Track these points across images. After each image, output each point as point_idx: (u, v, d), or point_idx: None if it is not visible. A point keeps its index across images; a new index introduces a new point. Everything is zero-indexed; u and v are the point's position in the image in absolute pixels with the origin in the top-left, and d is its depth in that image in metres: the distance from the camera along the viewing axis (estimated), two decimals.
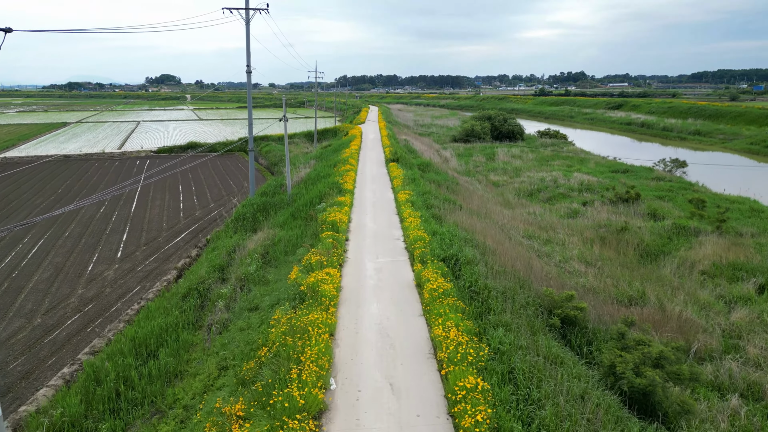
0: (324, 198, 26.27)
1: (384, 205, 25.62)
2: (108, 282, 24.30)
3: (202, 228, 33.16)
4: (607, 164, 52.44)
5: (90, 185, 47.87)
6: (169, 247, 29.29)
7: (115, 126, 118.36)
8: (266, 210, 29.57)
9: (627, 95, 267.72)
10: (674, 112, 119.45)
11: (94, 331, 19.42)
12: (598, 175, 45.88)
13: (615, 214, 32.44)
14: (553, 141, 69.06)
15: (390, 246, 18.94)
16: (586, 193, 38.78)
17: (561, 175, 44.76)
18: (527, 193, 39.61)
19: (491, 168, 49.92)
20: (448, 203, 25.85)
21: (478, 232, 21.00)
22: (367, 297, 14.20)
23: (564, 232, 27.92)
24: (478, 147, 65.31)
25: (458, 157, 57.08)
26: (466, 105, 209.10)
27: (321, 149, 57.17)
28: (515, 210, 33.65)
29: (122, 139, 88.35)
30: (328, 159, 46.99)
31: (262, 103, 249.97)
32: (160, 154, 68.23)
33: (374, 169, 37.15)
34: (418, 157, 48.37)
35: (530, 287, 15.41)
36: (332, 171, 34.02)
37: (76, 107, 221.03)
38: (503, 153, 58.90)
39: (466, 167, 50.46)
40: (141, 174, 54.26)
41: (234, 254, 22.35)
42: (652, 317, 17.39)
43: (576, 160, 55.84)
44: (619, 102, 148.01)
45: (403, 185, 27.89)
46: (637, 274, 22.04)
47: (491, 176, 45.93)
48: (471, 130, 70.66)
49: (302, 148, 65.01)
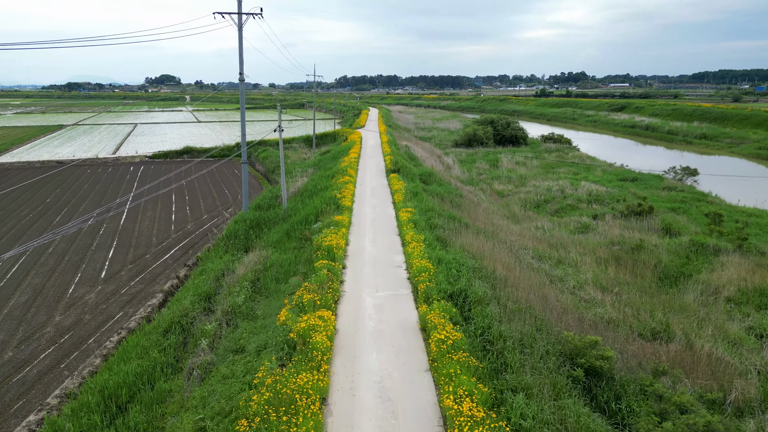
0: (321, 215, 24.64)
1: (384, 223, 23.98)
2: (88, 307, 22.65)
3: (194, 243, 31.52)
4: (615, 172, 50.81)
5: (80, 195, 46.23)
6: (156, 266, 27.65)
7: (112, 129, 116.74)
8: (260, 226, 27.94)
9: (629, 96, 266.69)
10: (679, 114, 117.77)
11: (68, 368, 17.80)
12: (606, 184, 44.25)
13: (628, 229, 30.81)
14: (557, 146, 67.42)
15: (391, 275, 17.30)
16: (596, 205, 37.15)
17: (568, 184, 43.13)
18: (534, 204, 37.96)
19: (495, 176, 48.27)
20: (452, 221, 24.22)
21: (486, 256, 19.36)
22: (365, 345, 12.57)
23: (576, 250, 26.28)
24: (480, 152, 63.71)
25: (461, 164, 55.45)
26: (466, 106, 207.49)
27: (319, 156, 55.54)
28: (522, 224, 32.01)
29: (117, 143, 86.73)
30: (326, 167, 45.36)
31: (261, 105, 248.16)
32: (155, 160, 66.61)
33: (374, 180, 35.52)
34: (420, 164, 46.74)
35: (548, 329, 13.76)
36: (330, 183, 32.39)
37: (74, 108, 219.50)
38: (507, 159, 57.27)
39: (469, 175, 48.82)
40: (134, 181, 52.64)
41: (223, 279, 20.71)
42: (680, 357, 15.75)
43: (582, 167, 54.22)
44: (621, 104, 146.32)
45: (404, 201, 26.25)
46: (658, 301, 20.40)
47: (495, 185, 44.29)
48: (473, 135, 69.03)
49: (300, 154, 63.40)
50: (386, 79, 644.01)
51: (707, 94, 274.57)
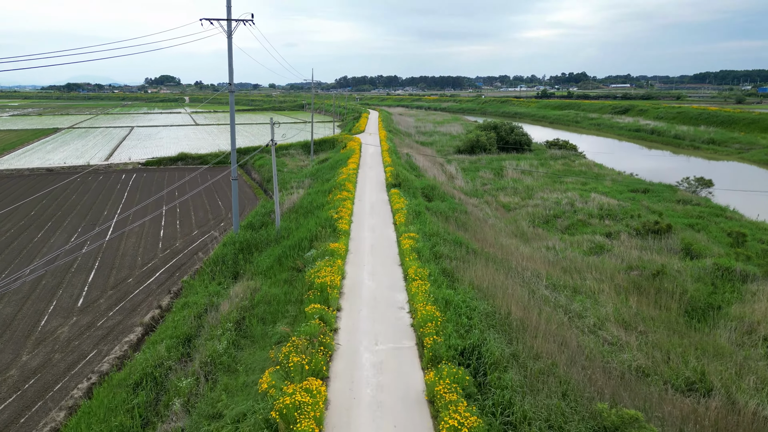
0: (315, 240, 22.61)
1: (385, 250, 21.95)
2: (60, 344, 20.63)
3: (181, 264, 29.51)
4: (625, 182, 48.77)
5: (67, 206, 44.21)
6: (139, 292, 25.62)
7: (108, 132, 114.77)
8: (250, 249, 25.92)
9: (630, 97, 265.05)
10: (684, 117, 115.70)
11: (28, 423, 15.79)
12: (617, 196, 42.24)
13: (645, 249, 28.79)
14: (563, 153, 65.39)
15: (392, 320, 15.27)
16: (608, 220, 35.12)
17: (577, 196, 41.09)
18: (543, 219, 35.93)
19: (500, 187, 46.23)
20: (458, 247, 22.20)
21: (498, 294, 17.34)
22: (362, 424, 10.53)
23: (592, 276, 24.26)
24: (484, 160, 61.68)
25: (464, 173, 53.43)
26: (468, 108, 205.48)
27: (317, 164, 53.52)
28: (532, 243, 29.99)
29: (112, 147, 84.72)
30: (324, 177, 43.37)
31: (260, 106, 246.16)
32: (149, 167, 64.59)
33: (374, 194, 33.50)
34: (422, 175, 44.75)
35: (577, 395, 11.73)
36: (326, 200, 30.38)
37: (72, 110, 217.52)
38: (511, 168, 55.24)
39: (473, 186, 46.79)
40: (125, 191, 50.63)
41: (205, 317, 18.67)
42: (722, 419, 13.75)
43: (591, 176, 52.20)
44: (625, 106, 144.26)
45: (406, 223, 24.22)
46: (688, 342, 18.37)
47: (501, 197, 42.26)
48: (476, 141, 67.01)
49: (298, 161, 61.38)
50: (386, 80, 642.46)
51: (710, 96, 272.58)
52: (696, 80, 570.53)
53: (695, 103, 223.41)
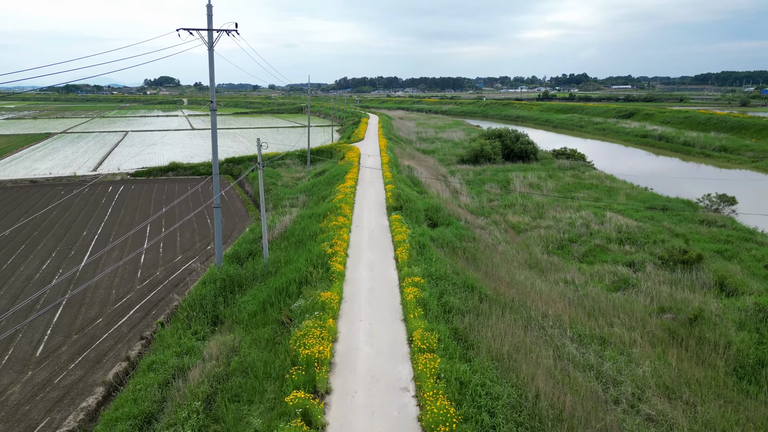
0: (305, 285, 19.69)
1: (385, 297, 19.04)
2: (7, 410, 17.73)
3: (159, 299, 26.60)
4: (641, 197, 45.88)
5: (45, 225, 41.30)
6: (107, 337, 22.71)
7: (101, 138, 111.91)
8: (233, 286, 23.04)
9: (633, 99, 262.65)
10: (692, 123, 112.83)
11: None
12: (634, 215, 39.37)
13: (675, 285, 25.90)
14: (571, 163, 62.48)
15: (395, 412, 12.32)
16: (628, 245, 32.24)
17: (592, 216, 38.20)
18: (557, 244, 33.03)
19: (508, 203, 43.31)
20: (470, 293, 19.30)
21: (521, 366, 14.44)
22: None
23: (620, 320, 21.36)
24: (489, 171, 58.79)
25: (468, 187, 50.55)
26: (469, 111, 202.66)
27: (314, 178, 50.67)
28: (548, 276, 27.10)
29: (102, 155, 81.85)
30: (320, 195, 40.53)
31: (259, 109, 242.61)
32: (137, 178, 61.68)
33: (373, 219, 30.58)
34: (425, 191, 41.92)
35: None
36: (320, 227, 27.47)
37: (67, 113, 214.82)
38: (519, 180, 52.36)
39: (480, 202, 43.88)
40: (109, 207, 47.73)
41: (172, 386, 15.77)
42: None
43: (603, 189, 49.31)
44: (630, 110, 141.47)
45: (409, 262, 21.32)
46: (745, 417, 15.47)
47: (510, 216, 39.35)
48: (480, 151, 64.12)
49: (294, 173, 58.50)
50: (387, 81, 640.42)
51: (713, 98, 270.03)
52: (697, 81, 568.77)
53: (699, 106, 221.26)
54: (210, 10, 23.19)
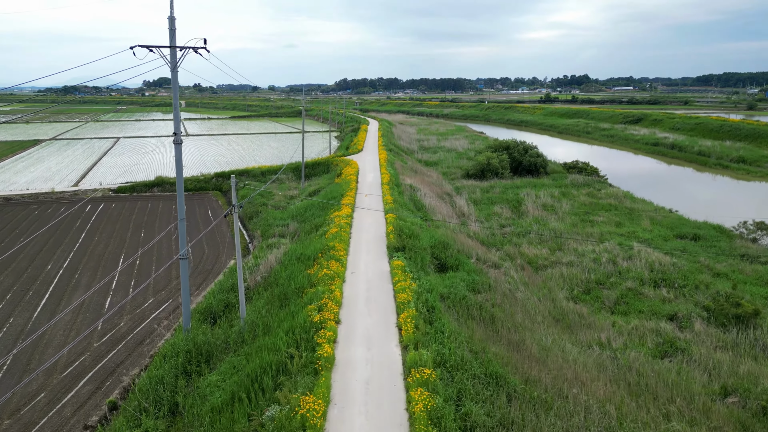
0: (283, 375, 15.50)
1: (385, 401, 14.83)
2: None
3: (118, 363, 22.45)
4: (666, 221, 41.70)
5: (4, 260, 37.11)
6: (44, 424, 18.54)
7: (89, 146, 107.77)
8: (200, 360, 18.88)
9: (636, 102, 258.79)
10: (704, 130, 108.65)
11: None
12: (663, 246, 35.27)
13: (732, 349, 21.74)
14: (585, 178, 58.28)
15: None
16: (665, 288, 28.08)
17: (617, 248, 34.05)
18: (582, 287, 28.85)
19: (522, 230, 39.15)
20: (496, 390, 15.14)
21: None
22: None
23: (676, 408, 17.20)
24: (498, 187, 54.61)
25: (476, 207, 46.41)
26: (471, 115, 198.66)
27: (306, 199, 46.54)
28: (579, 335, 22.94)
29: (87, 166, 77.68)
30: (312, 222, 36.42)
31: (257, 112, 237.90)
32: (120, 195, 57.51)
33: (371, 264, 26.35)
34: (429, 217, 37.81)
35: None
36: (308, 279, 23.29)
37: (61, 117, 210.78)
38: (531, 200, 48.19)
39: (490, 229, 39.72)
40: (83, 231, 43.57)
41: None
42: None
43: (623, 211, 45.12)
44: (637, 115, 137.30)
45: (415, 336, 17.14)
46: None
47: (525, 247, 35.17)
48: (487, 165, 59.97)
49: (287, 189, 54.35)
50: (387, 82, 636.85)
51: (718, 100, 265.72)
52: (699, 82, 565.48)
53: (704, 109, 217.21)
54: (172, 23, 18.99)
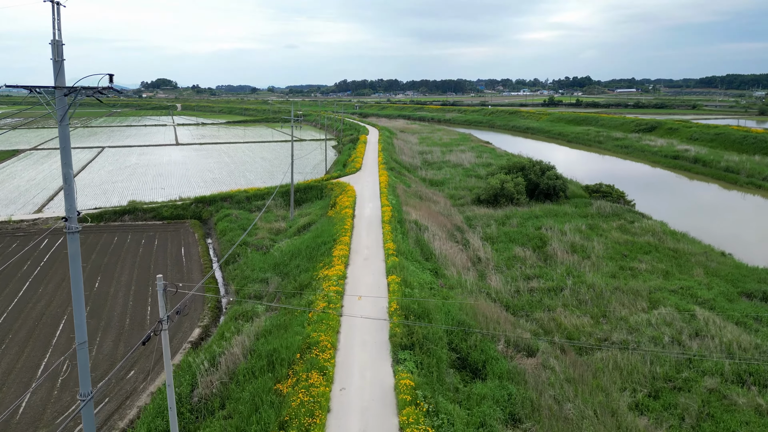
0: None
1: None
2: None
3: None
4: (724, 271, 34.84)
5: None
6: None
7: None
8: None
9: (643, 105, 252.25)
10: (725, 141, 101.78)
11: None
12: (730, 311, 28.50)
13: None
14: (612, 206, 51.45)
15: None
16: (755, 388, 21.26)
17: (677, 317, 27.24)
18: (647, 386, 21.98)
19: (552, 286, 32.23)
20: None
21: None
22: None
23: None
24: (515, 218, 47.73)
25: (494, 248, 39.57)
26: (474, 121, 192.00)
27: (295, 236, 39.70)
28: None
29: (58, 186, 70.77)
30: (295, 279, 29.62)
31: (254, 117, 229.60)
32: (84, 225, 50.59)
33: (368, 371, 19.27)
34: (442, 272, 31.04)
35: None
36: (274, 416, 16.43)
37: (51, 122, 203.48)
38: (556, 238, 41.33)
39: (514, 282, 32.87)
40: (29, 277, 36.70)
41: None
42: None
43: (667, 255, 38.28)
44: (650, 123, 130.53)
45: None
46: None
47: (561, 313, 28.31)
48: (500, 189, 53.15)
49: (273, 220, 47.50)
50: (387, 84, 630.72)
51: (727, 105, 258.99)
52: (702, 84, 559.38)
53: (713, 114, 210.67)
54: (58, 51, 12.15)
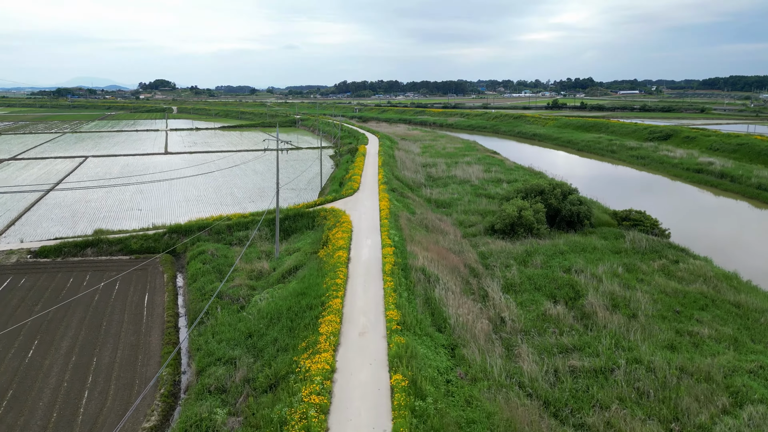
0: None
1: None
2: None
3: None
4: None
5: None
6: None
7: (51, 167, 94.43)
8: None
9: (649, 108, 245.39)
10: (749, 153, 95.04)
11: None
12: None
13: None
14: (648, 240, 44.67)
15: None
16: None
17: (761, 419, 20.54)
18: None
19: (599, 362, 25.46)
20: None
21: None
22: None
23: None
24: (538, 255, 40.92)
25: (518, 302, 32.82)
26: (477, 126, 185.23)
27: (277, 285, 32.96)
28: None
29: (24, 207, 64.06)
30: (266, 376, 22.95)
31: (251, 120, 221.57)
32: (39, 260, 43.81)
33: None
34: (459, 351, 24.37)
35: None
36: None
37: (40, 126, 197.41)
38: (591, 285, 34.58)
39: (548, 355, 26.10)
40: None
41: None
42: None
43: (730, 312, 31.56)
44: (665, 131, 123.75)
45: None
46: None
47: (621, 421, 21.53)
48: (518, 218, 46.39)
49: (255, 259, 40.73)
50: (387, 85, 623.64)
51: (736, 108, 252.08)
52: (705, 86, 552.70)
53: (723, 118, 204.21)
54: None
